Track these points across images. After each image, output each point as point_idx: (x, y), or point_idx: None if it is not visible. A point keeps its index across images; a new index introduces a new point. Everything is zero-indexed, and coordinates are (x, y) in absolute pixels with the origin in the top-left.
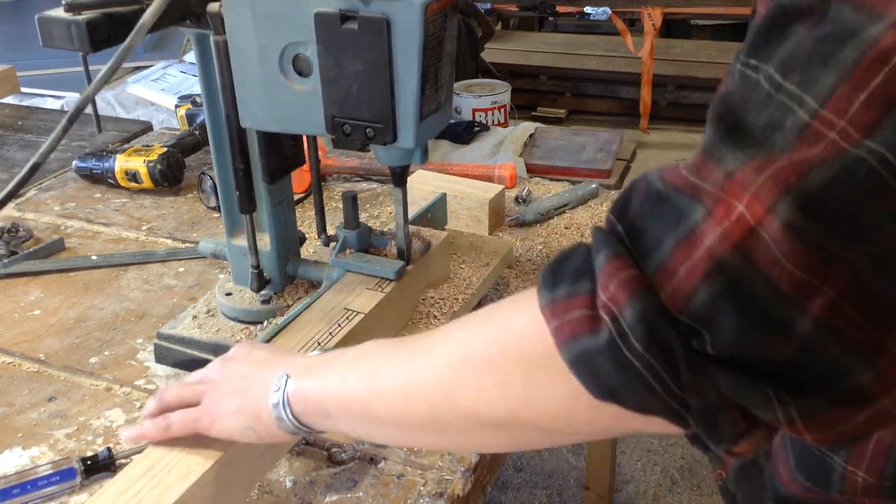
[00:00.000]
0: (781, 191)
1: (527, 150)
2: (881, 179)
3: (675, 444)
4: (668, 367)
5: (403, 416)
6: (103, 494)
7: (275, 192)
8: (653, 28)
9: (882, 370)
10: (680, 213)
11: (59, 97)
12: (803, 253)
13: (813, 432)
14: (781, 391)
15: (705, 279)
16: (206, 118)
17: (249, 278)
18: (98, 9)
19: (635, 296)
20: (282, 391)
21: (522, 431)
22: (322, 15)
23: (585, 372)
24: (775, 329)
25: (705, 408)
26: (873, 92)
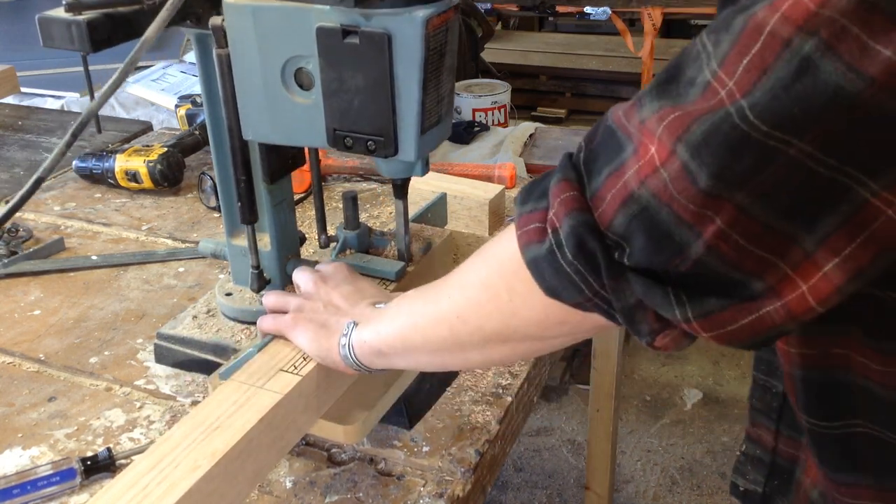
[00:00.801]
0: (675, 138)
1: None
2: (741, 132)
3: (675, 444)
4: (593, 273)
5: (433, 341)
6: (111, 489)
7: (275, 192)
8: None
9: (771, 284)
10: (618, 147)
11: (59, 97)
12: (693, 191)
13: (706, 330)
14: (682, 294)
15: (622, 206)
16: (206, 118)
17: (249, 278)
18: (98, 9)
19: (571, 213)
20: (348, 336)
21: (521, 341)
22: (324, 30)
23: (535, 274)
24: (675, 249)
25: (625, 307)
26: (752, 58)
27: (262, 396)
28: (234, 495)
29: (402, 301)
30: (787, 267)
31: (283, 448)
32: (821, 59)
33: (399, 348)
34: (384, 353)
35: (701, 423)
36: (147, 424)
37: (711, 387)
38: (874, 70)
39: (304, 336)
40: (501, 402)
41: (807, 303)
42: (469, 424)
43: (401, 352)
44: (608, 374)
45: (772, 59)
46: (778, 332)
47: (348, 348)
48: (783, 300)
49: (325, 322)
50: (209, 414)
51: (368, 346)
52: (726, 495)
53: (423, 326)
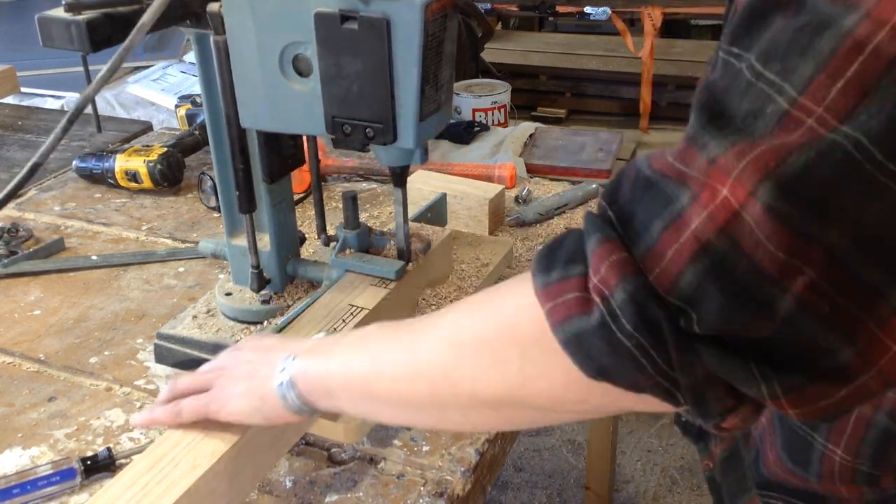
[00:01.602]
0: (761, 175)
1: (527, 150)
2: (855, 163)
3: (675, 444)
4: (658, 346)
5: (404, 396)
6: (111, 488)
7: (275, 192)
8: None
9: (863, 348)
10: (667, 198)
11: (59, 97)
12: (783, 234)
13: (796, 407)
14: (766, 368)
15: (691, 261)
16: (206, 118)
17: (249, 278)
18: (98, 9)
19: (625, 277)
20: (287, 371)
21: (519, 410)
22: (322, 15)
23: (578, 352)
24: (758, 308)
25: (694, 385)
26: (849, 80)
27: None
28: (233, 495)
29: (365, 338)
30: (875, 326)
31: (283, 448)
32: None
33: (355, 393)
34: (333, 392)
35: None
36: None
37: None
38: None
39: (234, 397)
40: None
41: None
42: None
43: (357, 398)
44: None
45: (874, 79)
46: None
47: (287, 384)
48: (877, 366)
49: (254, 370)
50: None
51: (314, 380)
52: None
53: (393, 377)
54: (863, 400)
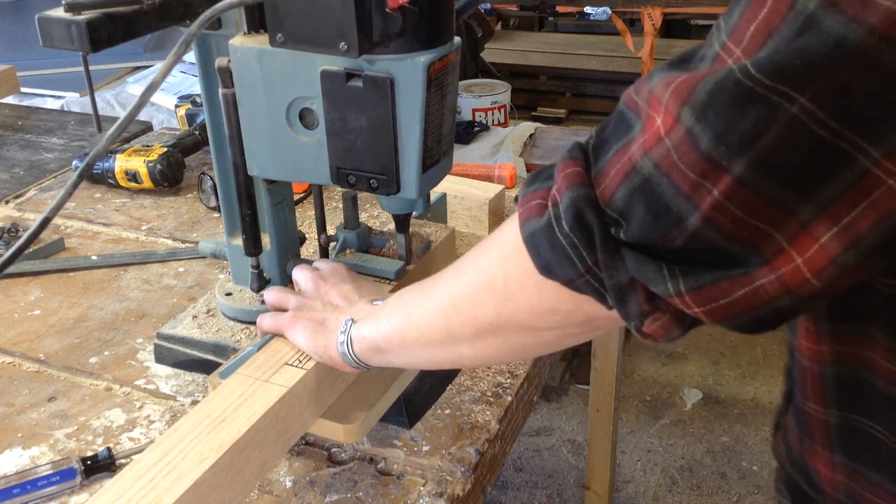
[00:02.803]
0: (681, 102)
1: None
2: (746, 88)
3: (674, 444)
4: (588, 246)
5: (428, 336)
6: (119, 480)
7: (275, 192)
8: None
9: (769, 258)
10: (626, 126)
11: (59, 97)
12: (694, 157)
13: (697, 305)
14: (675, 268)
15: (624, 179)
16: (206, 119)
17: (249, 278)
18: (98, 9)
19: (572, 187)
20: (346, 333)
21: (513, 331)
22: (328, 73)
23: (531, 248)
24: (672, 222)
25: (616, 286)
26: (759, 23)
27: (268, 390)
28: (239, 487)
29: (401, 296)
30: (783, 239)
31: (289, 441)
32: (823, 14)
33: (396, 344)
34: (382, 349)
35: (701, 423)
36: (147, 424)
37: (711, 387)
38: (875, 19)
39: (301, 334)
40: (501, 401)
41: (802, 275)
42: (469, 424)
43: (397, 348)
44: (608, 374)
45: (777, 21)
46: (771, 312)
47: (346, 345)
48: (777, 272)
49: (324, 320)
50: (216, 407)
51: (367, 342)
52: (726, 495)
53: (419, 319)
54: (762, 302)
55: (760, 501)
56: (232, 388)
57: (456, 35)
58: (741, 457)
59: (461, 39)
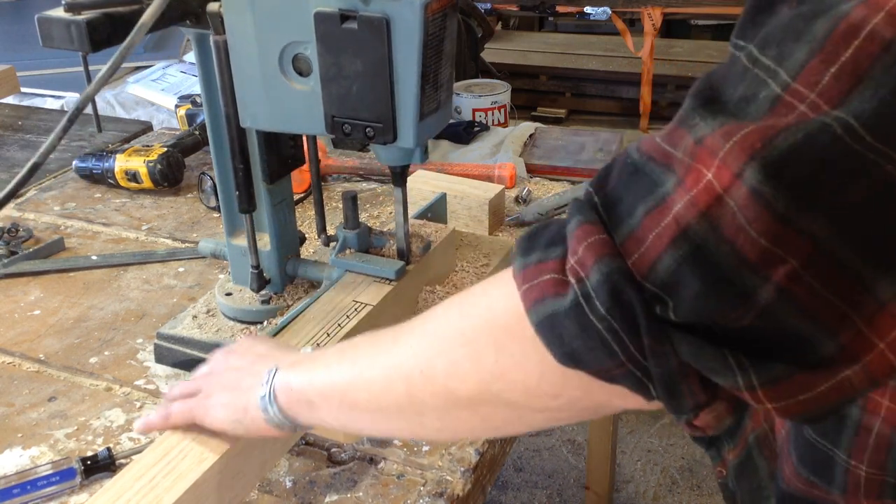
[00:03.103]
0: (748, 157)
1: (527, 150)
2: (844, 145)
3: (675, 444)
4: (630, 331)
5: (382, 399)
6: (120, 480)
7: (275, 192)
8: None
9: (845, 343)
10: (652, 182)
11: (59, 97)
12: (767, 220)
13: (773, 400)
14: (742, 358)
15: (671, 245)
16: (206, 118)
17: (249, 278)
18: (98, 9)
19: (601, 259)
20: (269, 384)
21: (495, 408)
22: (322, 14)
23: (550, 335)
24: (737, 297)
25: (665, 375)
26: (843, 65)
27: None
28: (240, 487)
29: (346, 347)
30: (860, 321)
31: (289, 441)
32: None
33: (335, 402)
34: (314, 404)
35: None
36: None
37: None
38: None
39: (217, 407)
40: None
41: (888, 362)
42: None
43: (337, 407)
44: None
45: (869, 64)
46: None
47: (269, 397)
48: (862, 362)
49: (238, 381)
50: None
51: (295, 392)
52: None
53: (371, 380)
54: (846, 396)
55: None
56: None
57: (456, 34)
58: None
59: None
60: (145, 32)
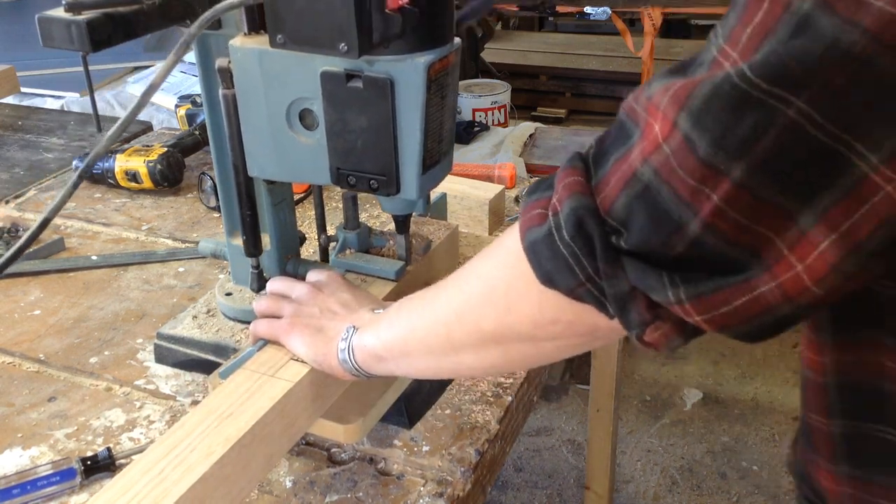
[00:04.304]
0: (679, 107)
1: (527, 150)
2: (742, 92)
3: (674, 444)
4: (588, 255)
5: (430, 345)
6: (127, 473)
7: (275, 192)
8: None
9: (771, 264)
10: (626, 134)
11: (58, 97)
12: (692, 163)
13: (698, 313)
14: (676, 277)
15: (624, 187)
16: (206, 120)
17: (249, 278)
18: (98, 9)
19: (573, 196)
20: (348, 341)
21: (514, 342)
22: (328, 74)
23: (533, 259)
24: (672, 228)
25: (617, 294)
26: (755, 26)
27: (274, 385)
28: (246, 481)
29: (403, 305)
30: (783, 245)
31: (294, 435)
32: (818, 14)
33: (397, 353)
34: (383, 357)
35: (701, 423)
36: (147, 424)
37: (711, 387)
38: (868, 20)
39: (300, 341)
40: (501, 401)
41: (802, 282)
42: (469, 424)
43: (398, 356)
44: (608, 374)
45: (773, 22)
46: (772, 320)
47: (348, 352)
48: (778, 280)
49: (323, 327)
50: (222, 401)
51: (368, 350)
52: (726, 495)
53: (421, 328)
54: (764, 313)
55: (760, 501)
56: (238, 382)
57: (456, 36)
58: (741, 457)
59: (461, 40)
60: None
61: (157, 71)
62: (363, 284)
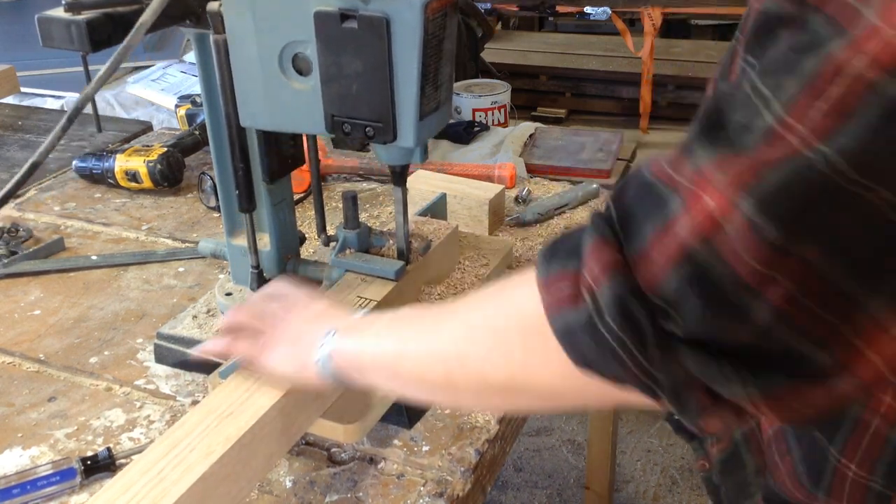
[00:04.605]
0: (741, 190)
1: (527, 150)
2: (827, 179)
3: (675, 444)
4: (638, 344)
5: (423, 376)
6: (127, 473)
7: (275, 192)
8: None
9: (841, 358)
10: (661, 203)
11: (59, 97)
12: (760, 248)
13: (773, 410)
14: (743, 371)
15: (675, 265)
16: (206, 118)
17: (249, 278)
18: (98, 9)
19: (613, 276)
20: (326, 347)
21: (523, 396)
22: (322, 14)
23: (568, 343)
24: (735, 315)
25: (672, 384)
26: (832, 102)
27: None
28: (246, 480)
29: (395, 321)
30: (855, 337)
31: (294, 435)
32: None
33: (384, 371)
34: (365, 369)
35: None
36: (147, 424)
37: None
38: None
39: (276, 355)
40: None
41: (881, 374)
42: (469, 424)
43: (385, 376)
44: None
45: (856, 103)
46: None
47: (325, 359)
48: (857, 375)
49: (299, 336)
50: (222, 401)
51: (350, 357)
52: None
53: (416, 357)
54: (840, 404)
55: None
56: (238, 382)
57: (456, 34)
58: None
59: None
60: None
61: None
62: (363, 284)
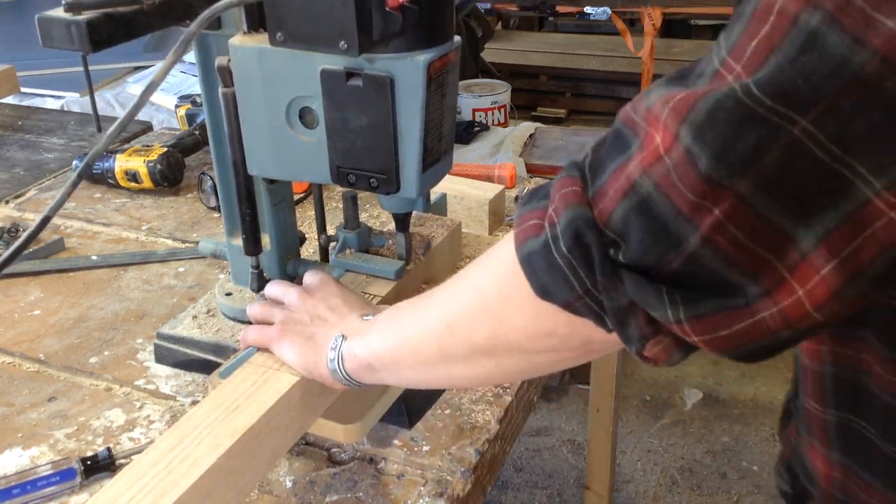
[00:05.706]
0: (680, 120)
1: (527, 150)
2: (746, 108)
3: (674, 444)
4: (586, 268)
5: (421, 354)
6: (135, 466)
7: (275, 192)
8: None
9: (768, 288)
10: (623, 145)
11: (59, 97)
12: (695, 178)
13: (697, 334)
14: (676, 295)
15: (622, 198)
16: (206, 120)
17: (249, 278)
18: (98, 9)
19: (570, 206)
20: (337, 350)
21: (507, 354)
22: (328, 72)
23: (529, 270)
24: (671, 243)
25: (616, 308)
26: (760, 39)
27: (280, 378)
28: (252, 473)
29: (393, 313)
30: (784, 268)
31: (300, 429)
32: (826, 31)
33: (388, 363)
34: (374, 367)
35: (701, 423)
36: (147, 424)
37: (711, 387)
38: (878, 41)
39: (289, 349)
40: (501, 401)
41: (803, 308)
42: (469, 424)
43: (389, 366)
44: (608, 374)
45: (779, 37)
46: (772, 343)
47: (337, 362)
48: (779, 305)
49: (312, 335)
50: (229, 394)
51: (359, 360)
52: (726, 495)
53: (412, 338)
54: (764, 337)
55: (760, 501)
56: (245, 376)
57: (456, 34)
58: (741, 457)
59: (461, 39)
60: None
61: (157, 70)
62: (363, 284)
